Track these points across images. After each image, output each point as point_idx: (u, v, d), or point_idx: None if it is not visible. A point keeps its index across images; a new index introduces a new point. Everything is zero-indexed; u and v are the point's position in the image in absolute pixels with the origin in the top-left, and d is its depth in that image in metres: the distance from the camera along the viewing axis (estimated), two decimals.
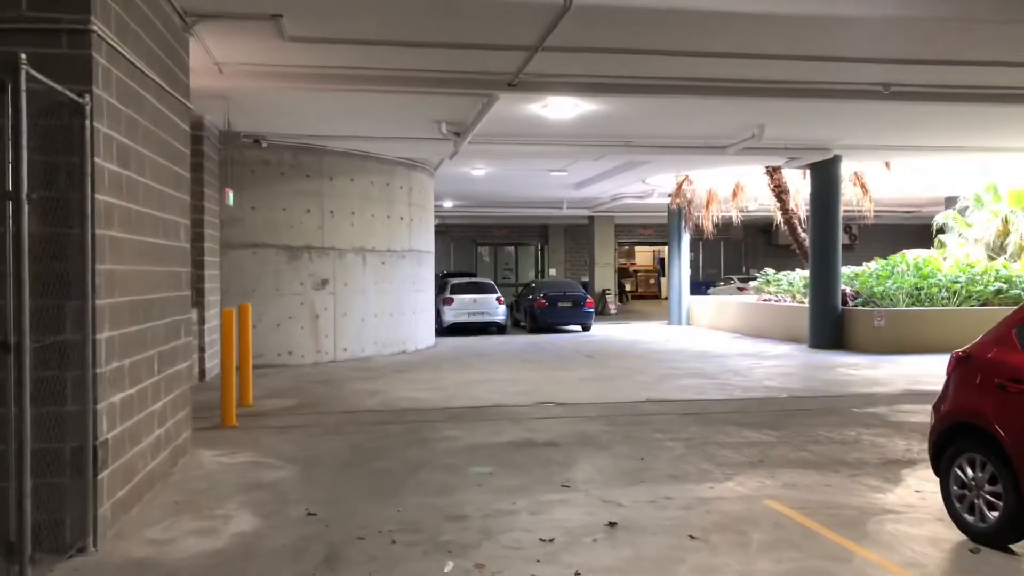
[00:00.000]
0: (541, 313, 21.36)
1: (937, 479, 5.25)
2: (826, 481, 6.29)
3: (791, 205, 18.83)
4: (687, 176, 20.19)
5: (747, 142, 13.98)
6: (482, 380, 12.12)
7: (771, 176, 18.75)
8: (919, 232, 31.85)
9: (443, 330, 20.14)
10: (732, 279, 35.26)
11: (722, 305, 22.77)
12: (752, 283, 33.38)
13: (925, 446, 7.57)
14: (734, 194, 20.08)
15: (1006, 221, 19.79)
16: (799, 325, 17.59)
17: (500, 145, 14.10)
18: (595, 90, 10.14)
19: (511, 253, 37.91)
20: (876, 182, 19.26)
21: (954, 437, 5.03)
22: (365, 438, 8.09)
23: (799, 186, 18.98)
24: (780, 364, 13.86)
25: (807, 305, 18.40)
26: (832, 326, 16.19)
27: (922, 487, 6.08)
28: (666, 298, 44.49)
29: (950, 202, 24.87)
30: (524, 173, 19.64)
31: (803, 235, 18.92)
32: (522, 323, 22.66)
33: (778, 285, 21.64)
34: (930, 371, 12.52)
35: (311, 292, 14.39)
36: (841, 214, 16.61)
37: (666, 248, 45.81)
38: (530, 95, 10.44)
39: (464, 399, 10.41)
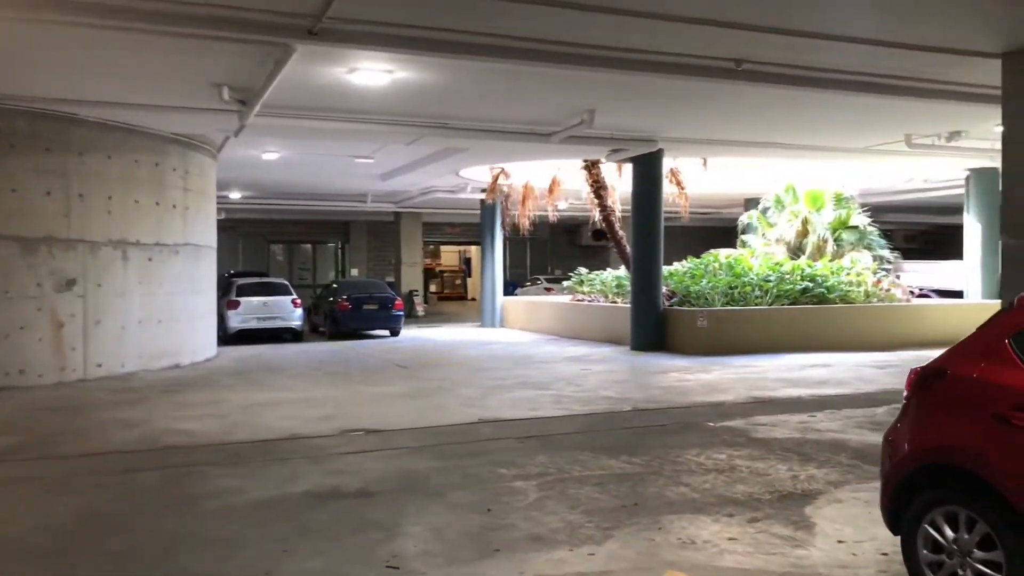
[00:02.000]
0: (344, 317, 19.22)
1: (888, 529, 4.02)
2: (726, 532, 4.93)
3: (609, 202, 18.02)
4: (503, 169, 18.88)
5: (575, 129, 12.77)
6: (273, 401, 9.97)
7: (589, 171, 17.85)
8: (713, 233, 32.86)
9: (228, 338, 17.50)
10: (539, 279, 34.74)
11: (537, 306, 21.74)
12: (560, 284, 33.16)
13: (809, 469, 6.62)
14: (551, 190, 19.00)
15: (806, 222, 20.18)
16: (618, 326, 16.77)
17: (297, 120, 11.91)
18: (413, 46, 8.36)
19: (308, 251, 35.15)
20: (686, 181, 18.94)
21: (925, 483, 3.76)
22: (103, 497, 5.83)
23: (614, 183, 18.27)
24: (610, 370, 12.77)
25: (627, 305, 17.70)
26: (654, 327, 15.44)
27: (842, 534, 4.86)
28: (473, 299, 43.69)
29: (750, 203, 25.46)
30: (324, 159, 17.46)
31: (621, 233, 18.20)
32: (321, 328, 20.36)
33: (592, 285, 20.93)
34: (764, 374, 11.88)
35: (52, 295, 11.49)
36: (663, 211, 15.95)
37: (473, 248, 45.12)
38: (335, 50, 8.49)
39: (249, 429, 8.27)
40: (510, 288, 30.33)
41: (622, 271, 20.71)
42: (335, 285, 21.56)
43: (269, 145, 15.59)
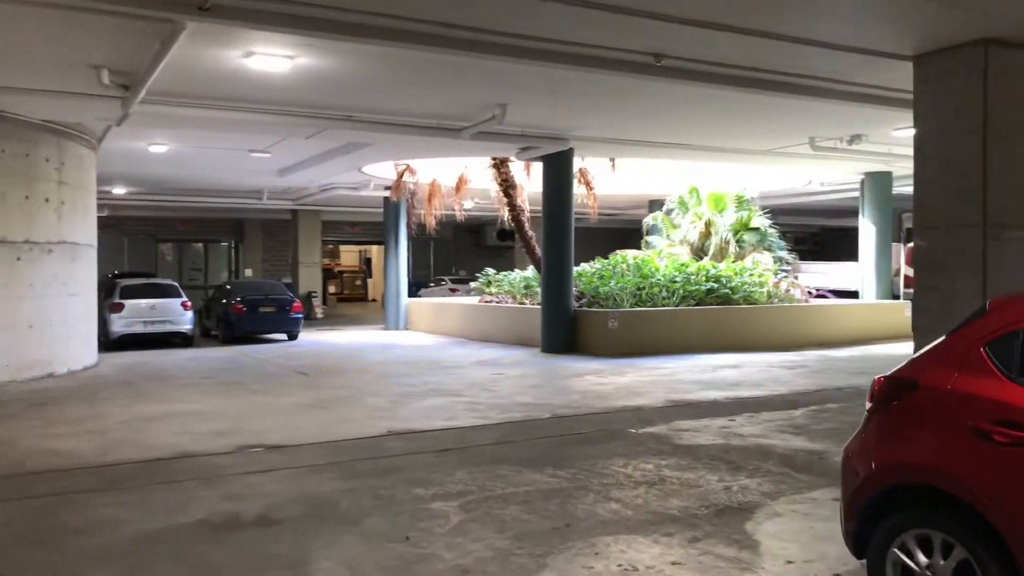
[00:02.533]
0: (239, 320, 18.18)
1: (847, 546, 3.73)
2: (669, 555, 4.56)
3: (519, 201, 17.67)
4: (409, 166, 18.25)
5: (486, 125, 12.32)
6: (161, 415, 9.10)
7: (498, 169, 17.46)
8: (617, 235, 33.09)
9: (111, 344, 16.23)
10: (444, 280, 34.17)
11: (443, 308, 21.19)
12: (466, 285, 32.68)
13: (740, 479, 6.35)
14: (458, 188, 18.50)
15: (709, 224, 20.38)
16: (528, 328, 16.45)
17: (187, 108, 11.01)
18: (316, 28, 7.69)
19: (199, 251, 33.47)
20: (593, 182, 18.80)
21: (893, 504, 3.46)
22: None
23: (523, 183, 17.95)
24: (524, 374, 12.37)
25: (536, 307, 17.42)
26: (565, 329, 15.17)
27: (789, 552, 4.57)
28: (374, 300, 42.68)
29: (654, 204, 25.63)
30: (218, 153, 16.40)
31: (531, 233, 17.87)
32: (214, 332, 19.22)
33: (500, 286, 20.57)
34: (678, 376, 11.73)
35: None
36: (573, 211, 15.70)
37: (374, 248, 44.06)
38: (229, 29, 7.76)
39: (132, 448, 7.44)
40: (414, 289, 29.66)
41: (530, 271, 20.45)
42: (228, 286, 20.39)
43: (157, 136, 14.50)
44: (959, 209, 8.25)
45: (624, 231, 32.93)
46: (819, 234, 39.17)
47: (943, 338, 3.56)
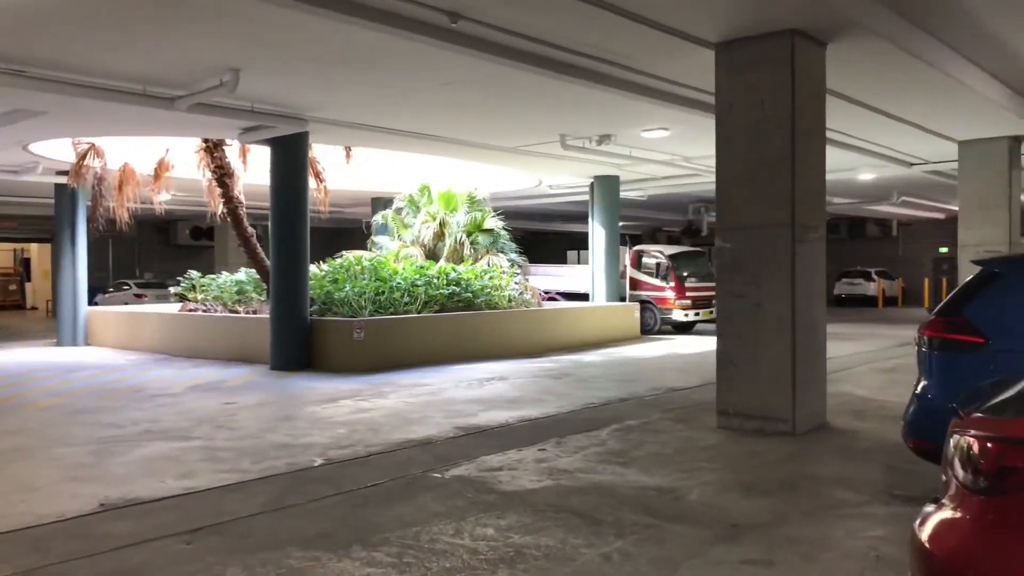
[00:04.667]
0: None
1: None
2: None
3: (235, 192, 15.13)
4: (94, 146, 14.85)
5: (210, 94, 9.97)
6: None
7: (211, 154, 14.79)
8: (334, 235, 31.01)
9: None
10: (127, 284, 29.70)
11: (137, 319, 17.75)
12: (158, 290, 28.60)
13: (610, 540, 4.82)
14: (157, 175, 15.45)
15: (443, 224, 19.29)
16: (250, 341, 14.12)
17: None
18: None
19: None
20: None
21: None
22: None
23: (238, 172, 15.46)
24: (262, 401, 10.17)
25: (254, 316, 15.15)
26: (300, 341, 13.10)
27: None
28: (35, 308, 36.06)
29: (378, 203, 24.07)
30: None
31: (250, 229, 15.41)
32: None
33: (207, 291, 17.77)
34: (446, 394, 10.33)
35: None
36: (309, 204, 13.65)
37: (34, 246, 37.29)
38: None
39: None
40: (89, 295, 25.23)
41: (242, 274, 17.92)
42: None
43: None
44: (768, 209, 7.77)
45: (342, 231, 30.92)
46: (524, 238, 40.20)
47: None
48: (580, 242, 41.47)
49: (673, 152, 16.04)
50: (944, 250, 36.03)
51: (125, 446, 7.52)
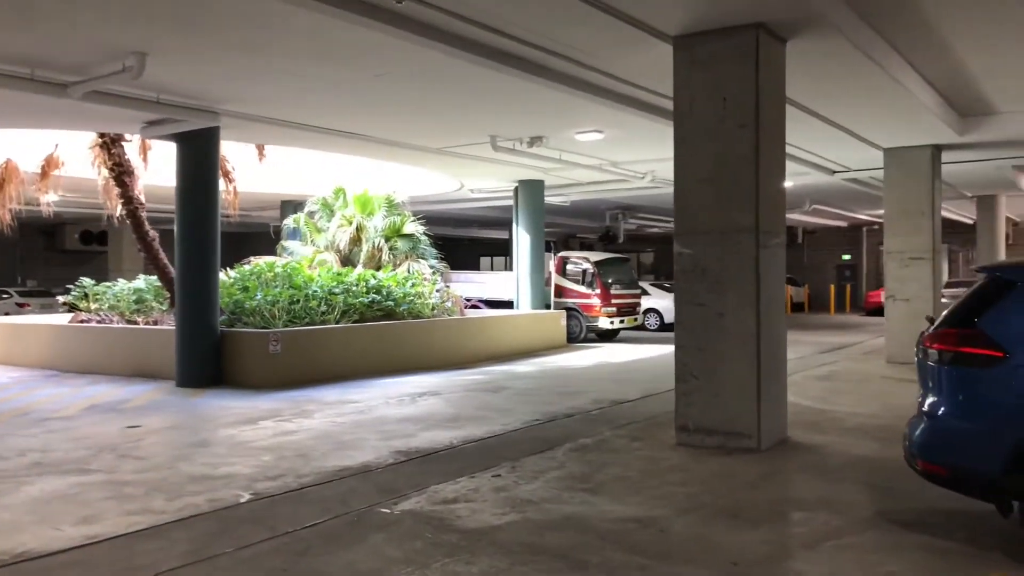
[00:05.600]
0: None
1: None
2: None
3: (135, 192, 13.86)
4: None
5: (110, 80, 8.91)
6: None
7: (108, 150, 13.50)
8: (240, 240, 29.43)
9: None
10: (8, 293, 27.50)
11: (21, 331, 16.10)
12: (45, 299, 26.51)
13: None
14: (45, 173, 14.03)
15: (360, 228, 18.37)
16: (153, 354, 12.95)
17: None
18: None
19: None
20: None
21: None
22: None
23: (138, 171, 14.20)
24: (170, 423, 9.11)
25: (155, 327, 13.94)
26: (210, 355, 12.01)
27: None
28: None
29: (288, 206, 22.90)
30: None
31: (152, 233, 14.15)
32: None
33: (103, 300, 16.34)
34: (377, 412, 9.53)
35: None
36: (220, 205, 12.58)
37: None
38: None
39: None
40: None
41: (141, 282, 16.55)
42: None
43: None
44: (731, 212, 7.33)
45: (248, 236, 29.42)
46: (437, 244, 39.36)
47: None
48: (495, 248, 41.13)
49: (603, 157, 15.65)
50: (847, 257, 37.24)
51: (9, 484, 6.44)
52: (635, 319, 20.14)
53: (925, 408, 4.72)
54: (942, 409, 4.61)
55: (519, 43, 7.94)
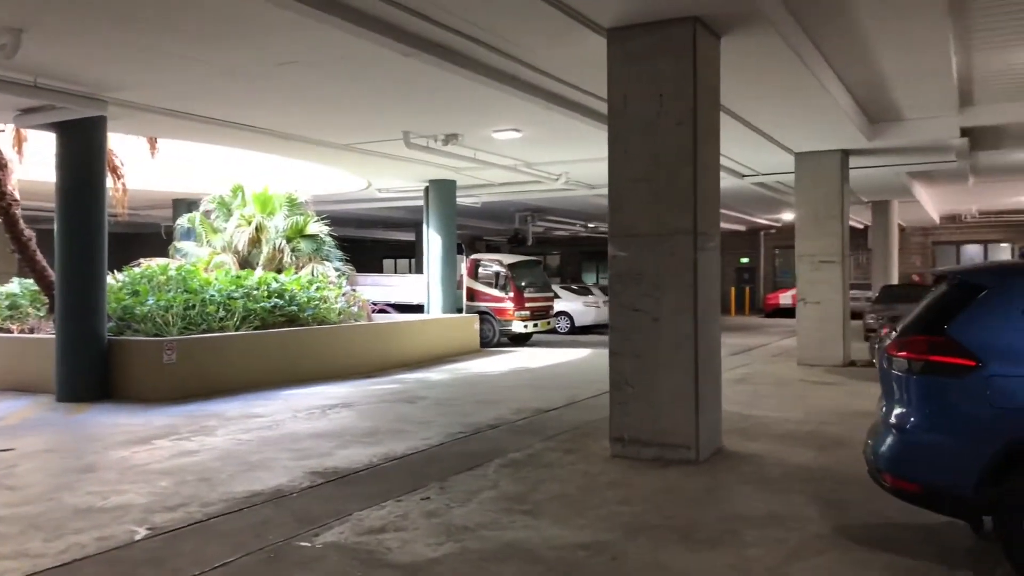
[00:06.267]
0: None
1: None
2: None
3: (9, 187, 12.55)
4: None
5: None
6: None
7: None
8: (127, 241, 27.59)
9: None
10: None
11: None
12: None
13: None
14: None
15: (260, 228, 17.38)
16: (29, 366, 11.80)
17: None
18: None
19: None
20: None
21: None
22: None
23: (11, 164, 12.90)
24: (49, 446, 8.11)
25: (30, 336, 12.75)
26: (96, 366, 10.95)
27: None
28: None
29: (180, 205, 21.59)
30: None
31: (28, 232, 12.85)
32: None
33: None
34: (286, 428, 8.82)
35: None
36: (107, 204, 11.48)
37: None
38: None
39: None
40: None
41: (14, 285, 15.14)
42: None
43: None
44: (668, 214, 7.02)
45: (136, 237, 27.63)
46: (340, 245, 38.22)
47: None
48: (398, 250, 40.25)
49: (518, 157, 15.27)
50: (746, 260, 38.19)
51: None
52: (548, 322, 19.86)
53: (893, 420, 4.47)
54: (912, 421, 4.37)
55: (443, 29, 7.41)
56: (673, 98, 6.97)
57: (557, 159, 15.52)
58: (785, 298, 29.20)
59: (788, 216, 27.96)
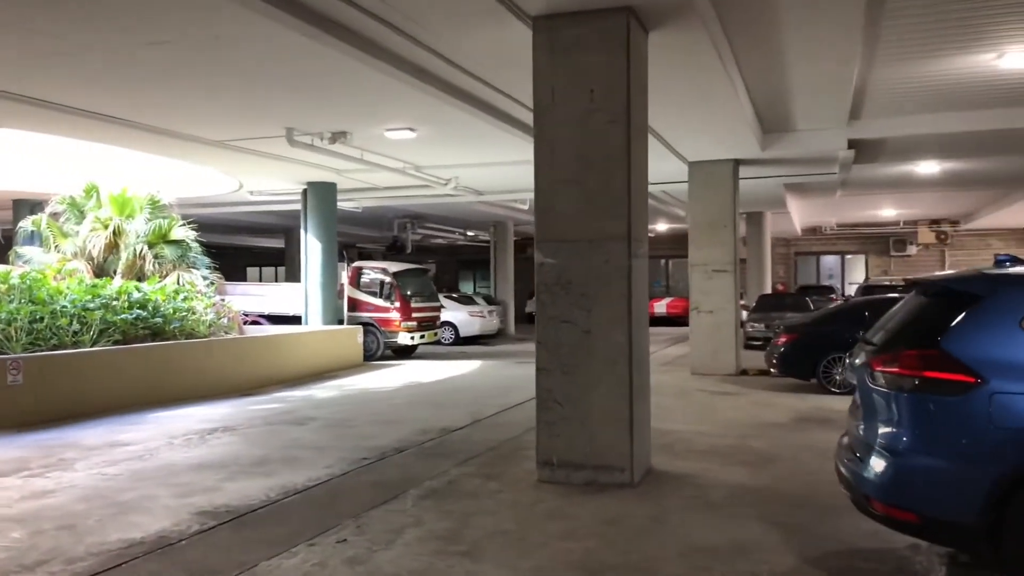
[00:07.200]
0: None
1: None
2: None
3: None
4: None
5: None
6: None
7: None
8: None
9: None
10: None
11: None
12: None
13: None
14: None
15: (118, 233, 15.77)
16: None
17: None
18: None
19: None
20: None
21: None
22: None
23: None
24: None
25: None
26: None
27: None
28: None
29: (22, 206, 19.43)
30: None
31: None
32: None
33: None
34: (159, 458, 7.73)
35: None
36: None
37: None
38: None
39: None
40: None
41: None
42: None
43: None
44: (599, 218, 6.51)
45: None
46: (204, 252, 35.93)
47: None
48: (264, 257, 38.28)
49: (408, 159, 14.50)
50: None
51: None
52: (435, 334, 19.12)
53: (882, 443, 4.09)
54: (904, 443, 4.00)
55: (349, 6, 6.63)
56: (605, 94, 6.47)
57: (449, 163, 14.86)
58: (660, 307, 29.62)
59: (662, 227, 28.43)
